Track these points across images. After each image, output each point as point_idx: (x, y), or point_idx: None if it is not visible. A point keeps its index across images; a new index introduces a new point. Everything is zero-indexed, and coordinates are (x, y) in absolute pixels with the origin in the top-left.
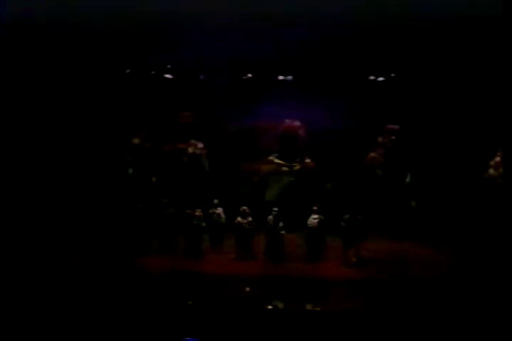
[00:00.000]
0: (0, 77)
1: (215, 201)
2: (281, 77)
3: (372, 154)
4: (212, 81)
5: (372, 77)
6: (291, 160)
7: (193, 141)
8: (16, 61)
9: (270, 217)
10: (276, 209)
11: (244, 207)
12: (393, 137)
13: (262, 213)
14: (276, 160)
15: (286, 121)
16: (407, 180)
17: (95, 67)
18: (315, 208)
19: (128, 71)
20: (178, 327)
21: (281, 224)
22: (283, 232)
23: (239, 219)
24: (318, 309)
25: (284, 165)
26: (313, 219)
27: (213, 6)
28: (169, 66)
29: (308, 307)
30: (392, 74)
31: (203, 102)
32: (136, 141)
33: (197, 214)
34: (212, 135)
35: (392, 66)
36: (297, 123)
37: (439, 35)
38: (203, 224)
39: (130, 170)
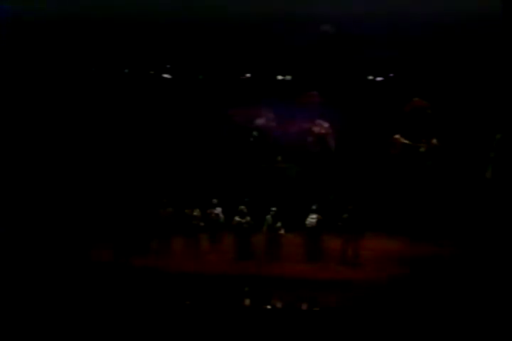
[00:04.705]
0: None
1: (214, 201)
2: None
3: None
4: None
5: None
6: (418, 140)
7: (318, 121)
8: (17, 61)
9: (268, 217)
10: (274, 208)
11: (242, 207)
12: None
13: (260, 212)
14: (403, 140)
15: (415, 99)
16: None
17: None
18: (313, 207)
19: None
20: (177, 327)
21: (279, 223)
22: (282, 232)
23: (237, 218)
24: (316, 309)
25: (411, 145)
26: (312, 218)
27: None
28: (168, 66)
29: (307, 306)
30: None
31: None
32: (262, 120)
33: (195, 213)
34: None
35: None
36: (424, 102)
37: None
38: (202, 224)
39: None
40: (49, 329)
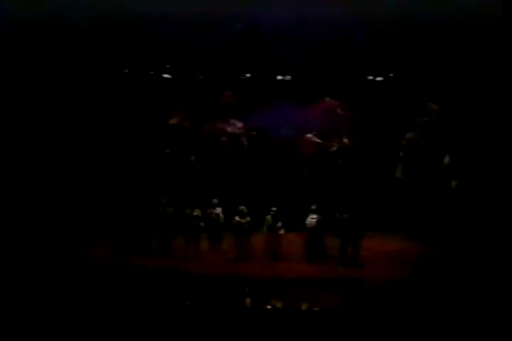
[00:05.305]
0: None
1: (214, 201)
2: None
3: (410, 134)
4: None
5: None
6: (329, 140)
7: (232, 121)
8: (17, 61)
9: (268, 217)
10: (274, 208)
11: (242, 207)
12: (433, 117)
13: (260, 212)
14: (314, 139)
15: (326, 99)
16: (446, 160)
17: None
18: (313, 207)
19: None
20: (177, 327)
21: (279, 223)
22: (282, 232)
23: (237, 218)
24: (316, 309)
25: (322, 144)
26: (312, 218)
27: None
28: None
29: (307, 307)
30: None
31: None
32: (174, 120)
33: (195, 213)
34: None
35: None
36: (336, 101)
37: None
38: (202, 224)
39: (167, 150)
40: (47, 330)
